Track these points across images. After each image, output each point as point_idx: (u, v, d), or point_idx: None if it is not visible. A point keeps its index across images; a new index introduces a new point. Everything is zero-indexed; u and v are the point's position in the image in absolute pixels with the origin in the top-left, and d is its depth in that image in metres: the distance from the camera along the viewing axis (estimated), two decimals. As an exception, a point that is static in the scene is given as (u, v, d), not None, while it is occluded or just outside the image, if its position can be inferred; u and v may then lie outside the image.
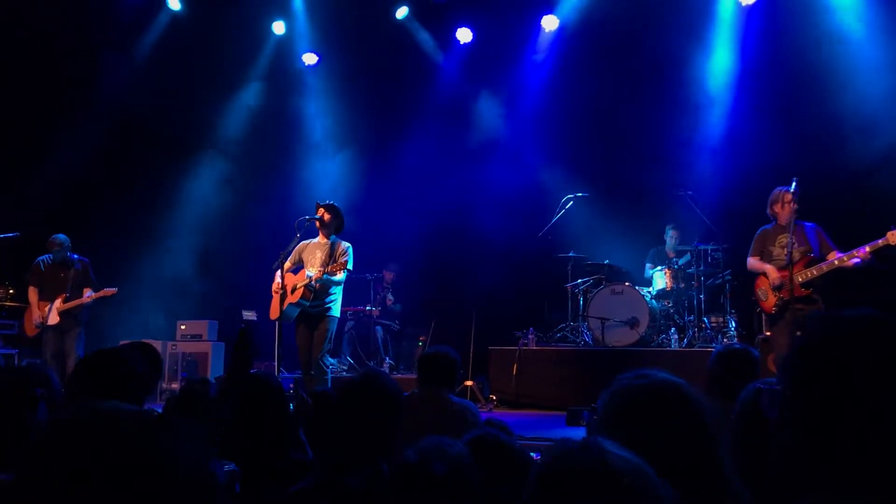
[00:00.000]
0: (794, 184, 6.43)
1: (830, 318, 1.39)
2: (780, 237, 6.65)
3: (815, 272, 6.32)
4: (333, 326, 7.24)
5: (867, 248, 6.15)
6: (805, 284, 6.35)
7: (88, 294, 8.35)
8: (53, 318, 8.25)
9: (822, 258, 6.41)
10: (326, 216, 7.25)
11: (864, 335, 1.31)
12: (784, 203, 6.60)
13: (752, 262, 6.79)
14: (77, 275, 8.43)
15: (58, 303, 8.28)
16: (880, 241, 6.08)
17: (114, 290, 8.56)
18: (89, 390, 2.82)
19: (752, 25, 9.69)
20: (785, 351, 6.27)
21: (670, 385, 1.77)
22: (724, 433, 2.33)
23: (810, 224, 6.60)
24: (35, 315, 8.30)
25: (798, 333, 3.69)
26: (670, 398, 1.74)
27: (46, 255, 8.44)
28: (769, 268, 6.57)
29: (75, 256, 8.46)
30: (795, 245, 6.40)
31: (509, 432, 2.86)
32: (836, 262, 6.28)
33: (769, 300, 6.57)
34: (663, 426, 1.66)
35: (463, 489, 1.71)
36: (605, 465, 1.15)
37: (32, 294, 8.39)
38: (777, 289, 6.50)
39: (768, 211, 6.72)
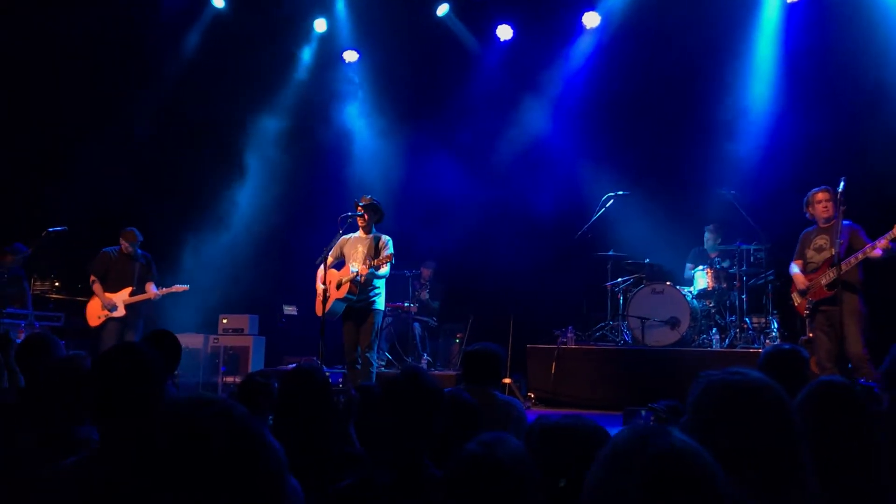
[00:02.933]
0: (842, 183, 6.35)
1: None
2: (815, 239, 6.70)
3: (835, 273, 6.27)
4: (379, 320, 7.32)
5: (885, 238, 6.15)
6: (829, 285, 6.34)
7: (154, 289, 8.47)
8: (121, 310, 8.36)
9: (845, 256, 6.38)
10: (367, 212, 7.32)
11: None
12: (815, 203, 6.59)
13: (792, 266, 6.89)
14: (142, 269, 8.57)
15: (125, 295, 8.38)
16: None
17: (185, 286, 8.70)
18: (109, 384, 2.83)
19: (798, 22, 9.56)
20: (823, 353, 6.32)
21: (765, 384, 1.77)
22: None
23: (847, 223, 6.55)
24: (107, 301, 8.34)
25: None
26: (764, 397, 1.73)
27: (114, 247, 8.56)
28: (797, 276, 6.67)
29: (140, 251, 8.61)
30: (831, 246, 6.38)
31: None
32: (851, 260, 6.27)
33: (800, 304, 6.65)
34: (754, 425, 1.66)
35: (525, 479, 1.72)
36: (673, 449, 1.16)
37: (97, 283, 8.44)
38: (802, 293, 6.57)
39: (805, 213, 6.73)
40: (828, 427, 2.21)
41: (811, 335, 7.37)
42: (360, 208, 7.34)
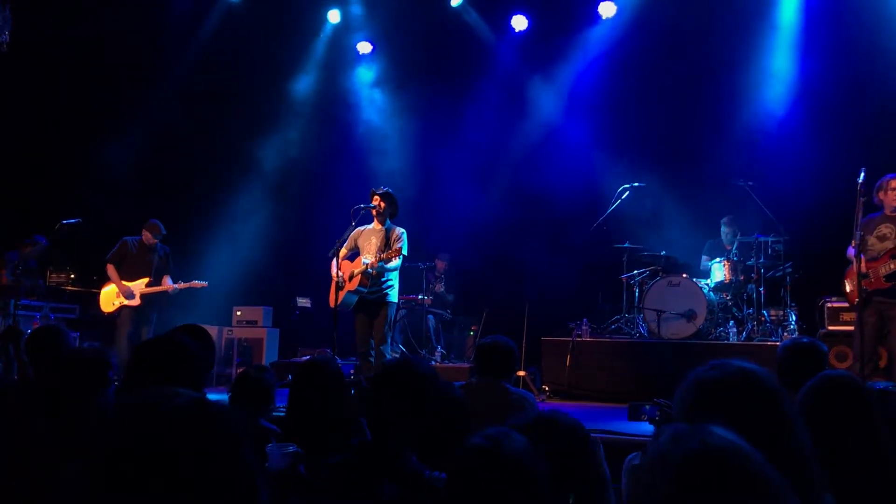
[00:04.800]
0: (862, 174, 6.24)
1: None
2: (880, 226, 6.47)
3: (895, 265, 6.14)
4: (392, 312, 7.29)
5: None
6: (888, 276, 6.17)
7: (170, 282, 8.48)
8: (137, 299, 8.35)
9: None
10: (381, 203, 7.30)
11: None
12: (889, 190, 6.42)
13: (850, 249, 6.58)
14: (160, 261, 8.58)
15: (141, 285, 8.39)
16: None
17: (203, 283, 8.71)
18: (146, 377, 2.82)
19: (818, 10, 9.43)
20: (856, 345, 6.10)
21: (744, 373, 1.72)
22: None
23: None
24: (124, 289, 8.32)
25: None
26: (745, 387, 1.69)
27: (136, 237, 8.57)
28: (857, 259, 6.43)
29: (160, 244, 8.63)
30: (891, 236, 6.22)
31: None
32: None
33: (853, 291, 6.41)
34: (740, 415, 1.61)
35: (531, 474, 1.68)
36: (707, 448, 1.12)
37: (113, 271, 8.41)
38: (860, 279, 6.35)
39: (875, 198, 6.51)
40: (830, 420, 2.16)
41: (831, 328, 7.30)
42: (375, 198, 7.31)
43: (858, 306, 6.31)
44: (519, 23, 10.93)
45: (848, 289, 6.54)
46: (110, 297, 8.48)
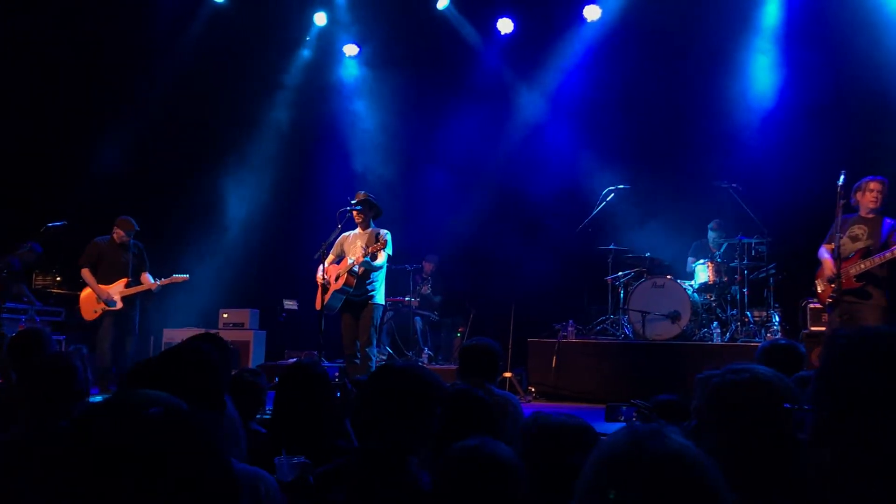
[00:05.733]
0: (842, 177, 6.34)
1: (848, 338, 1.40)
2: (852, 227, 6.54)
3: (868, 264, 6.21)
4: (378, 314, 7.30)
5: None
6: (859, 277, 6.24)
7: (150, 280, 8.23)
8: (119, 304, 8.05)
9: (881, 251, 6.30)
10: (364, 206, 7.32)
11: (883, 355, 1.31)
12: (867, 191, 6.49)
13: (821, 250, 6.67)
14: (136, 258, 8.29)
15: (120, 287, 8.12)
16: None
17: (185, 276, 8.48)
18: (165, 387, 2.73)
19: (800, 13, 9.52)
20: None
21: (773, 378, 1.73)
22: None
23: (891, 221, 6.47)
24: (104, 295, 8.02)
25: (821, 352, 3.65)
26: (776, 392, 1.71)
27: (105, 236, 8.30)
28: (827, 261, 6.51)
29: (132, 241, 8.34)
30: (867, 237, 6.29)
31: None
32: (887, 255, 6.18)
33: (824, 291, 6.50)
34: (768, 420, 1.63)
35: (513, 480, 1.72)
36: (670, 452, 1.13)
37: (89, 275, 8.11)
38: (830, 280, 6.43)
39: (852, 199, 6.58)
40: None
41: (813, 329, 7.36)
42: (358, 197, 7.36)
43: (830, 307, 6.43)
44: (505, 26, 10.97)
45: (820, 289, 6.62)
46: (90, 304, 8.21)
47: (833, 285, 6.39)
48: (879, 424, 1.27)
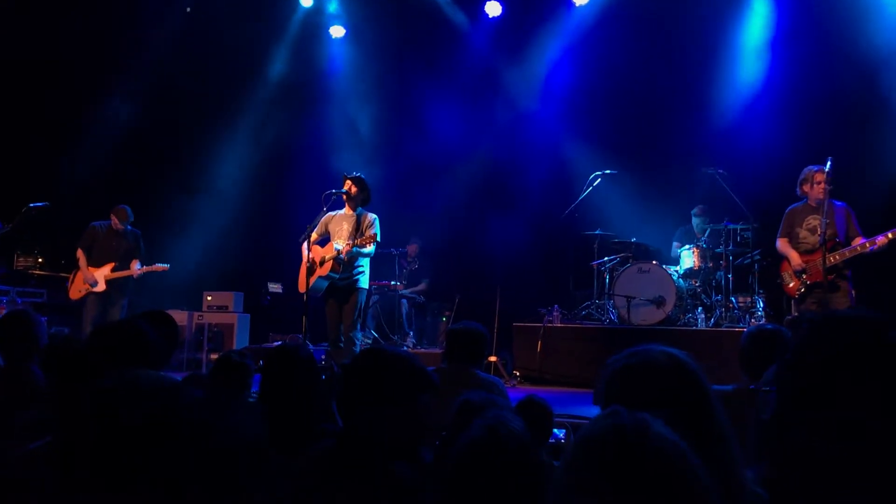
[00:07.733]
0: (829, 163, 6.35)
1: (812, 322, 1.42)
2: (808, 218, 6.61)
3: (837, 258, 6.27)
4: (363, 298, 7.27)
5: (888, 235, 6.12)
6: (828, 270, 6.29)
7: (138, 267, 8.45)
8: (101, 285, 8.34)
9: (848, 243, 6.36)
10: (353, 189, 7.26)
11: (855, 340, 1.33)
12: (814, 183, 6.52)
13: (780, 244, 6.79)
14: (129, 245, 8.55)
15: (106, 270, 8.37)
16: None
17: (165, 266, 8.68)
18: (106, 361, 2.80)
19: (788, 1, 9.53)
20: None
21: (668, 356, 1.73)
22: (751, 413, 2.29)
23: (840, 203, 6.53)
24: (88, 276, 8.34)
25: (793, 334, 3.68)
26: (670, 370, 1.70)
27: (104, 222, 8.55)
28: (793, 254, 6.59)
29: (129, 227, 8.59)
30: (826, 228, 6.33)
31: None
32: (858, 248, 6.25)
33: (792, 285, 6.58)
34: (667, 398, 1.63)
35: (530, 458, 1.72)
36: (651, 444, 1.12)
37: (82, 257, 8.43)
38: (799, 274, 6.50)
39: (798, 190, 6.65)
40: None
41: (797, 314, 7.41)
42: (347, 183, 7.28)
43: (799, 299, 6.49)
44: (493, 9, 10.90)
45: (791, 284, 6.66)
46: (78, 284, 8.49)
47: (801, 278, 6.46)
48: (840, 405, 1.29)
